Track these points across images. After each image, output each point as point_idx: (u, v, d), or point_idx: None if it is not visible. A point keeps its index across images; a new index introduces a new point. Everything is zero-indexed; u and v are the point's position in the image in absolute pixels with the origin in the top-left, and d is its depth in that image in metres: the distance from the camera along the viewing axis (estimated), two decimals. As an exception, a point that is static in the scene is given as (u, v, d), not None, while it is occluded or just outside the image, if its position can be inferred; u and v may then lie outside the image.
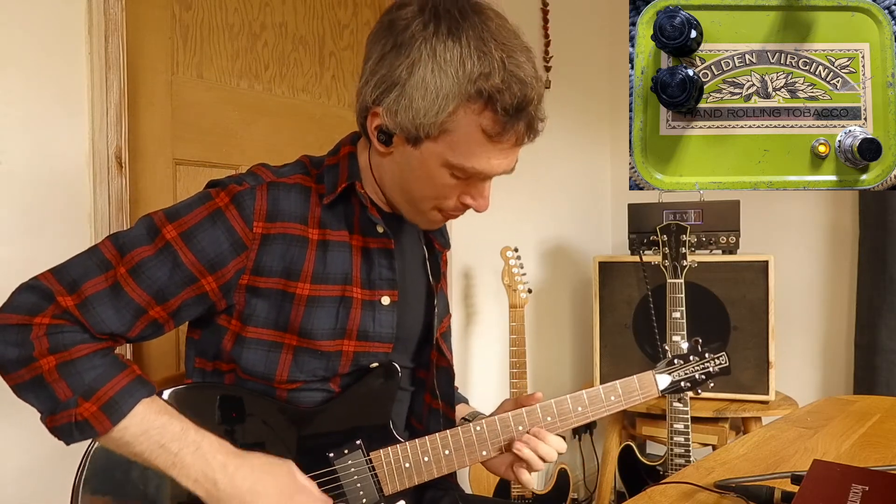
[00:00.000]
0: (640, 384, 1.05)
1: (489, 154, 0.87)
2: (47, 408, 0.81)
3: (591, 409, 1.01)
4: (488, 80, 0.82)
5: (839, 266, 2.51)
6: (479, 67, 0.82)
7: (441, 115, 0.84)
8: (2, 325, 0.82)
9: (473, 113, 0.84)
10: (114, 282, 0.85)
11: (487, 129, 0.84)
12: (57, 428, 0.82)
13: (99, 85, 1.34)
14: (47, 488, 1.28)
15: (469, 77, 0.82)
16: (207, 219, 0.88)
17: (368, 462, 0.94)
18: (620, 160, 3.02)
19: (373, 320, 0.96)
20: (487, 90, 0.82)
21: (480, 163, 0.87)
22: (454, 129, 0.85)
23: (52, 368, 0.80)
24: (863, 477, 0.84)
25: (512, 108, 0.83)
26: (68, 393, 0.81)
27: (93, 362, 0.82)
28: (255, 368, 0.92)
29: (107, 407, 0.81)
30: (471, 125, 0.84)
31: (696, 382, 1.10)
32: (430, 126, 0.85)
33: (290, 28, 1.82)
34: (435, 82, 0.83)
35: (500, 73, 0.82)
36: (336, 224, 0.95)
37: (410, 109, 0.85)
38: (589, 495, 2.79)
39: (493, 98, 0.82)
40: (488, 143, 0.86)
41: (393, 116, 0.86)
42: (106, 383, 0.82)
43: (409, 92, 0.84)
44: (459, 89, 0.82)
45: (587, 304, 2.64)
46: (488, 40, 0.83)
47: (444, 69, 0.82)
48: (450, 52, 0.82)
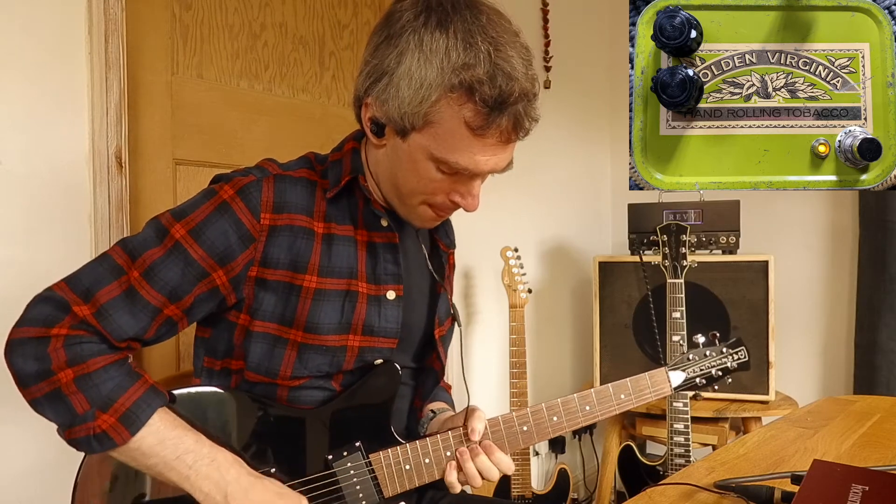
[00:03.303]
0: (652, 381, 1.02)
1: (473, 149, 0.86)
2: (65, 421, 0.82)
3: (600, 407, 1.00)
4: (470, 71, 0.81)
5: (839, 266, 2.50)
6: (463, 58, 0.82)
7: (424, 105, 0.83)
8: (20, 339, 0.82)
9: (456, 104, 0.83)
10: (128, 286, 0.85)
11: (470, 121, 0.83)
12: (75, 440, 0.82)
13: (99, 85, 1.34)
14: (48, 489, 1.28)
15: (452, 67, 0.82)
16: (214, 213, 0.89)
17: (368, 464, 0.94)
18: (620, 160, 3.02)
19: (378, 315, 0.96)
20: (468, 80, 0.81)
21: (464, 158, 0.86)
22: (438, 121, 0.85)
23: (70, 381, 0.81)
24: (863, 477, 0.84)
25: (493, 101, 0.82)
26: (86, 406, 0.81)
27: (109, 374, 0.83)
28: (260, 363, 0.93)
29: (124, 418, 0.81)
30: (454, 117, 0.84)
31: (713, 379, 1.05)
32: (415, 116, 0.85)
33: (290, 28, 1.82)
34: (419, 72, 0.83)
35: (484, 66, 0.81)
36: (341, 218, 0.95)
37: (397, 98, 0.85)
38: (589, 495, 2.79)
39: (473, 89, 0.81)
40: (472, 137, 0.85)
41: (382, 106, 0.87)
42: (123, 394, 0.82)
43: (396, 81, 0.85)
44: (442, 79, 0.82)
45: (587, 304, 2.64)
46: (476, 33, 0.83)
47: (429, 59, 0.82)
48: (436, 42, 0.82)
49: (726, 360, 1.07)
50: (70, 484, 0.88)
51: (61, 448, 0.83)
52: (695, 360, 1.06)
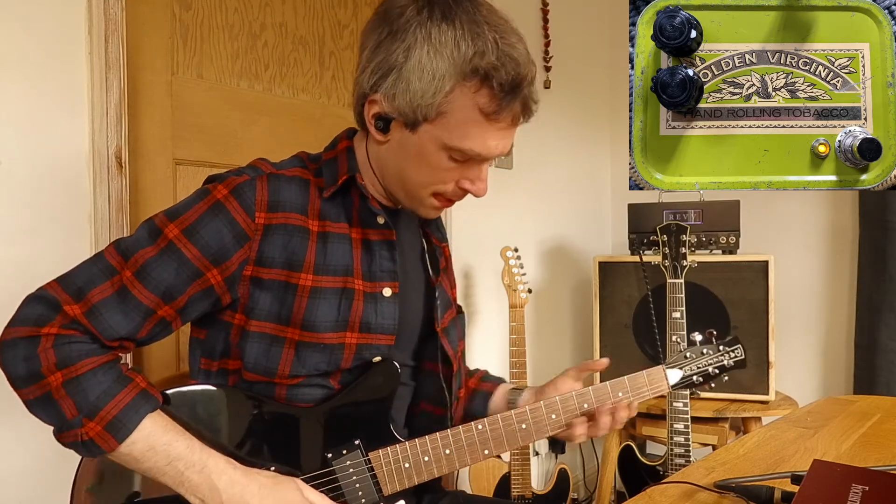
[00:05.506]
0: (650, 379, 1.03)
1: (486, 134, 0.88)
2: (56, 424, 0.82)
3: (598, 405, 1.00)
4: (483, 58, 0.84)
5: (839, 266, 2.50)
6: (473, 47, 0.84)
7: (438, 96, 0.85)
8: (11, 339, 0.81)
9: (470, 91, 0.85)
10: (120, 286, 0.85)
11: (484, 107, 0.86)
12: (67, 445, 0.82)
13: (99, 85, 1.34)
14: (48, 488, 1.28)
15: (464, 57, 0.84)
16: (208, 212, 0.89)
17: (367, 462, 0.94)
18: (620, 160, 3.02)
19: (375, 312, 0.96)
20: (483, 68, 0.84)
21: (477, 144, 0.88)
22: (451, 111, 0.87)
23: (59, 385, 0.80)
24: (863, 477, 0.84)
25: (507, 85, 0.85)
26: (74, 412, 0.80)
27: (97, 378, 0.82)
28: (257, 363, 0.92)
29: (111, 426, 0.81)
30: (467, 105, 0.86)
31: (710, 377, 1.06)
32: (428, 108, 0.86)
33: (290, 28, 1.82)
34: (431, 64, 0.85)
35: (494, 52, 0.84)
36: (335, 216, 0.96)
37: (408, 92, 0.86)
38: (589, 495, 2.79)
39: (490, 75, 0.84)
40: (485, 123, 0.87)
41: (391, 101, 0.88)
42: (109, 401, 0.81)
43: (406, 75, 0.86)
44: (455, 69, 0.84)
45: (587, 304, 2.64)
46: (481, 23, 0.85)
47: (439, 51, 0.84)
48: (444, 34, 0.84)
49: (723, 359, 1.08)
50: (69, 484, 0.88)
51: (60, 448, 0.83)
52: (692, 359, 1.07)
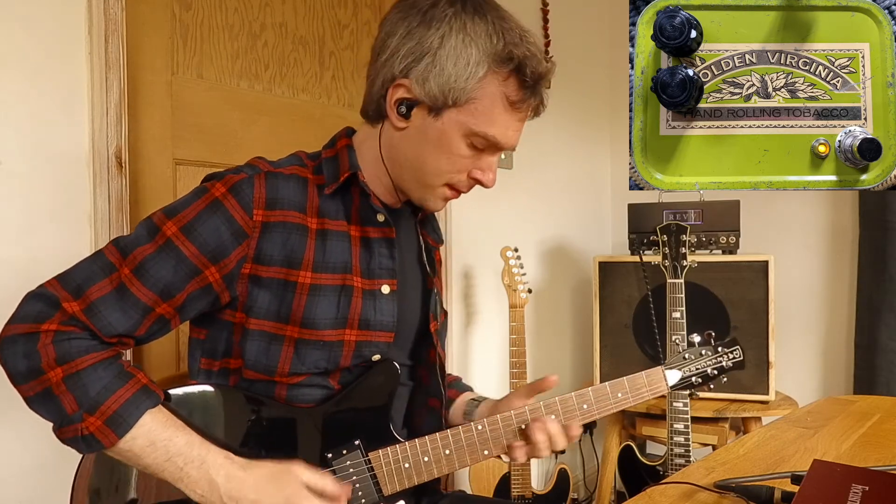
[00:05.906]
0: (649, 380, 1.03)
1: (507, 123, 0.93)
2: (56, 421, 0.82)
3: (597, 406, 1.00)
4: (518, 49, 0.90)
5: (839, 266, 2.50)
6: (504, 39, 0.90)
7: (471, 81, 0.90)
8: (11, 336, 0.82)
9: (499, 79, 0.90)
10: (118, 283, 0.85)
11: (511, 95, 0.91)
12: (66, 440, 0.82)
13: (99, 85, 1.34)
14: (48, 488, 1.28)
15: (495, 47, 0.90)
16: (206, 210, 0.89)
17: (367, 462, 0.94)
18: (620, 160, 3.02)
19: (374, 309, 0.96)
20: (518, 57, 0.89)
21: (499, 131, 0.93)
22: (480, 97, 0.91)
23: (60, 381, 0.81)
24: (863, 477, 0.84)
25: (535, 77, 0.91)
26: (74, 407, 0.81)
27: (98, 373, 0.82)
28: (257, 361, 0.93)
29: (111, 421, 0.81)
30: (496, 93, 0.91)
31: (709, 378, 1.07)
32: (460, 92, 0.90)
33: (290, 28, 1.82)
34: (466, 50, 0.89)
35: (523, 47, 0.90)
36: (334, 214, 0.96)
37: (442, 75, 0.90)
38: (589, 495, 2.79)
39: (523, 65, 0.90)
40: (509, 111, 0.92)
41: (422, 84, 0.91)
42: (110, 396, 0.82)
43: (440, 60, 0.90)
44: (489, 57, 0.89)
45: (587, 304, 2.64)
46: (508, 19, 0.92)
47: (474, 40, 0.90)
48: (477, 26, 0.90)
49: (722, 359, 1.08)
50: (69, 484, 0.88)
51: (60, 447, 0.83)
52: (691, 360, 1.07)
